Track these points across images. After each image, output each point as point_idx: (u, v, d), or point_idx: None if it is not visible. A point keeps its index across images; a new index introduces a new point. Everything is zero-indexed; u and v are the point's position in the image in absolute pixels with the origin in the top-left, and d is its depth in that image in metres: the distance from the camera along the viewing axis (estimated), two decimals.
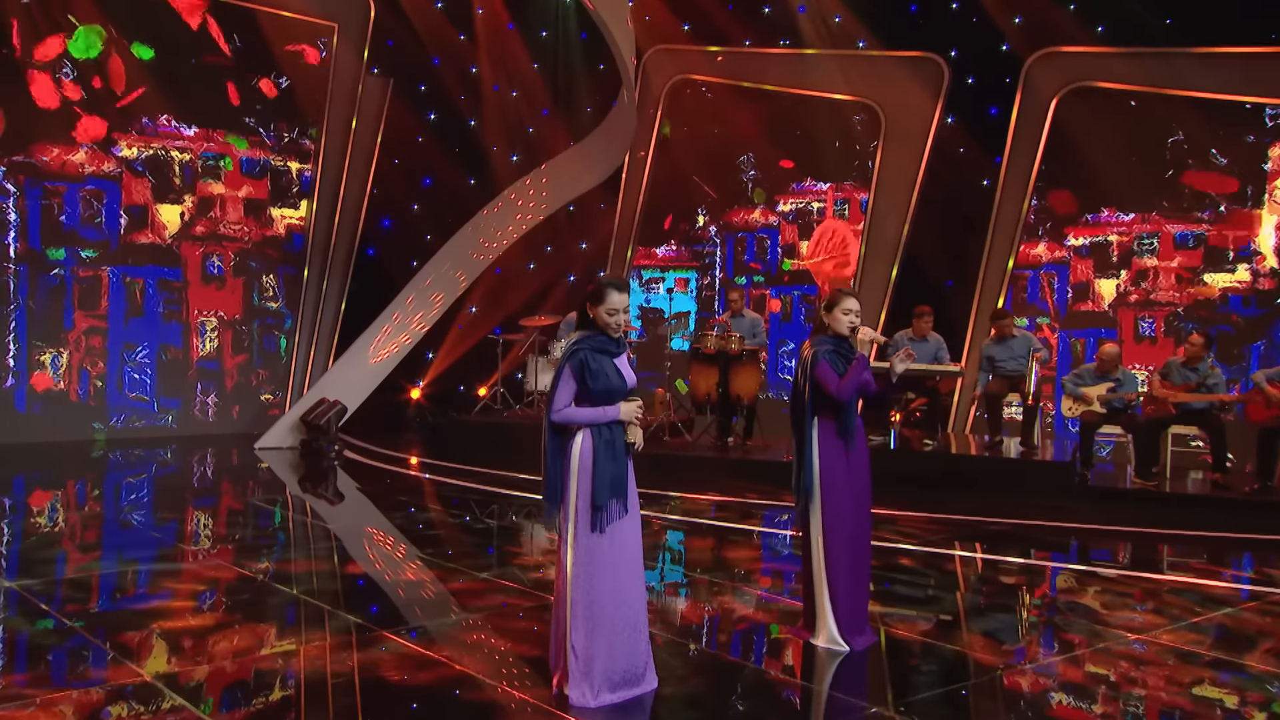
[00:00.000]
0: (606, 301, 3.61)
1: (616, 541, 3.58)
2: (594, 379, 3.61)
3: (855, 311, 4.25)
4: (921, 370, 9.04)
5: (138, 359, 12.25)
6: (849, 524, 4.18)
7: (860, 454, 4.25)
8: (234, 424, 12.79)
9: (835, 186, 12.70)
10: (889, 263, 12.00)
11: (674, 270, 13.63)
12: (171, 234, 12.41)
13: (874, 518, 7.37)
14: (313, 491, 9.38)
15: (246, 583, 5.56)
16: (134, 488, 9.37)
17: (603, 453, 3.59)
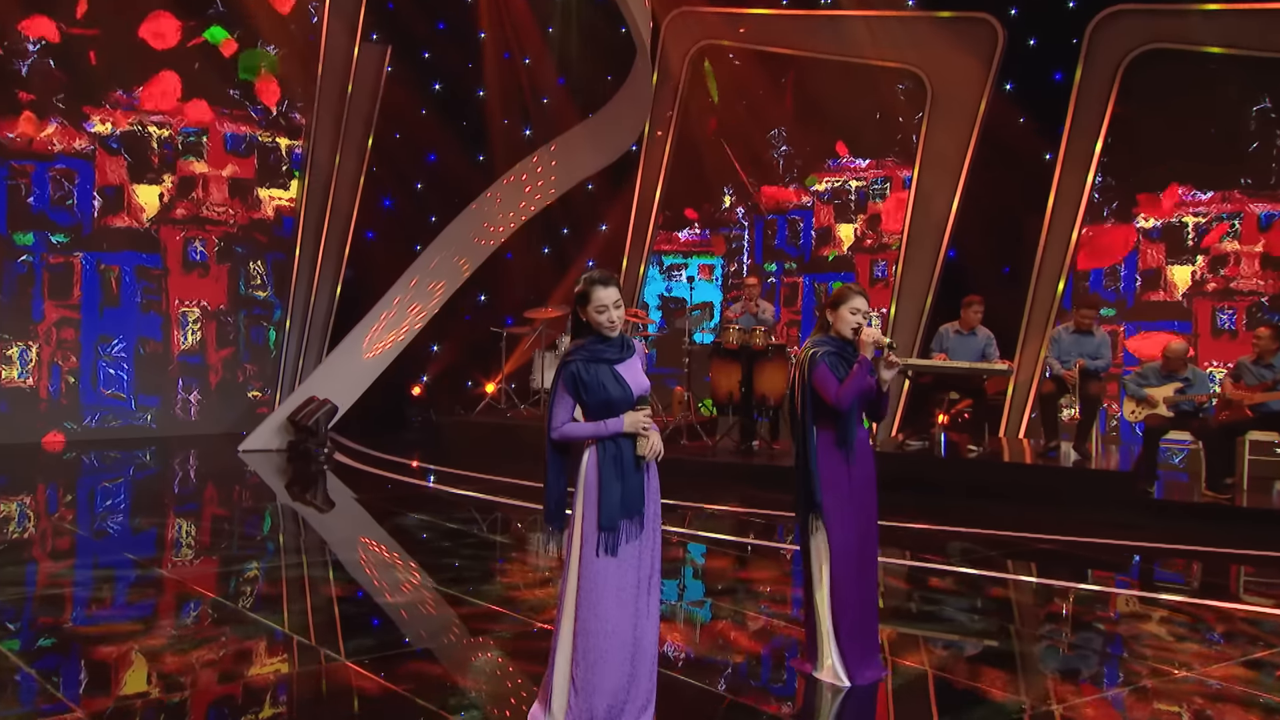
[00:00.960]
0: (593, 299, 3.60)
1: (625, 564, 3.59)
2: (588, 392, 3.61)
3: (863, 311, 4.23)
4: (966, 369, 8.87)
5: (113, 353, 12.31)
6: (853, 544, 4.15)
7: (864, 466, 4.20)
8: (219, 423, 12.84)
9: (875, 163, 12.57)
10: (934, 248, 11.81)
11: (697, 256, 13.60)
12: (150, 217, 12.45)
13: (905, 534, 7.37)
14: (299, 499, 9.41)
15: (214, 606, 5.58)
16: (108, 494, 9.43)
17: (608, 470, 3.58)
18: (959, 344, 9.15)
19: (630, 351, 3.70)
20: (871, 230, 12.60)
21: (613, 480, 3.58)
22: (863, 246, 12.70)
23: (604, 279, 3.63)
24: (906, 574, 6.54)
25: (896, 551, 6.99)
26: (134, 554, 6.74)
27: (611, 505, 3.57)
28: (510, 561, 6.78)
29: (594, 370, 3.62)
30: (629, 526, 3.61)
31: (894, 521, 7.72)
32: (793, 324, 12.83)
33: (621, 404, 3.62)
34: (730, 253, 13.45)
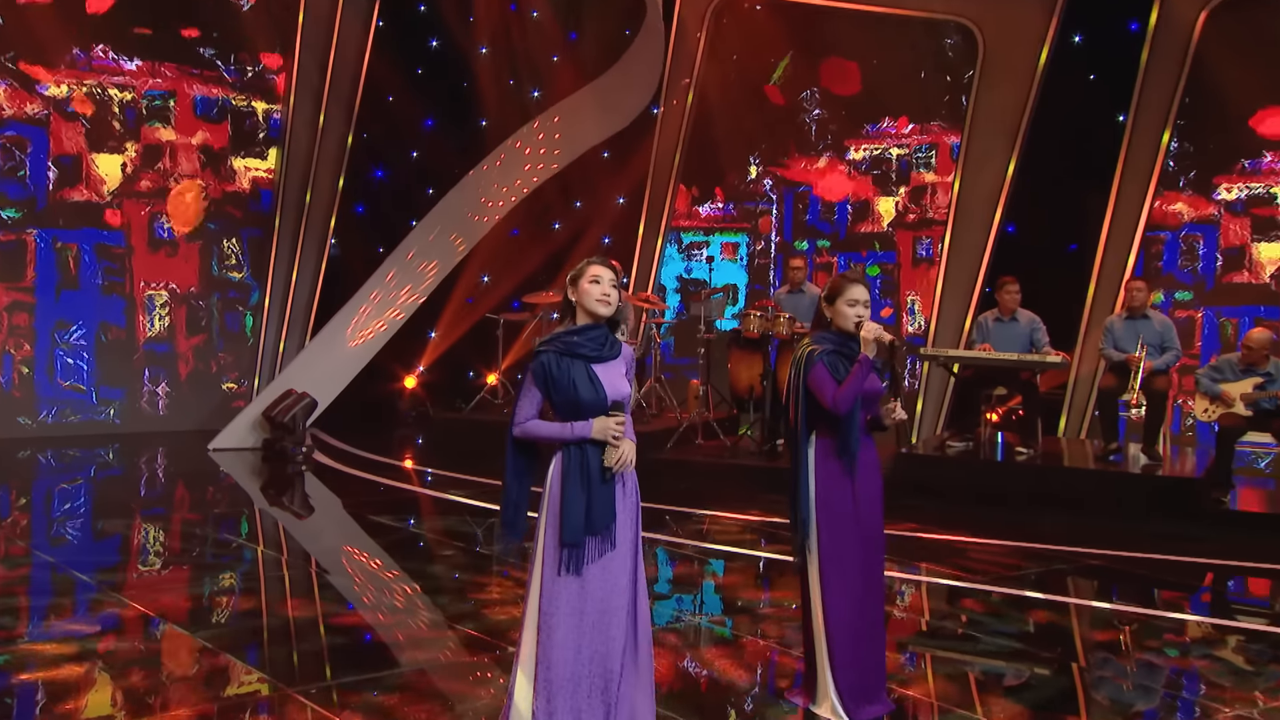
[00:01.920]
0: (587, 272, 3.66)
1: (591, 587, 3.60)
2: (555, 390, 3.63)
3: (863, 303, 4.20)
4: (1011, 361, 8.74)
5: (72, 340, 12.27)
6: (853, 568, 4.13)
7: (868, 479, 4.18)
8: (190, 419, 12.81)
9: (920, 128, 12.42)
10: (985, 223, 11.59)
11: (720, 233, 13.50)
12: (111, 189, 12.41)
13: (941, 547, 7.33)
14: (274, 504, 9.44)
15: (170, 631, 5.56)
16: (65, 497, 9.44)
17: (571, 479, 3.61)
18: (999, 332, 9.04)
19: (615, 352, 3.70)
20: (915, 204, 12.41)
21: (576, 491, 3.60)
22: (905, 222, 12.51)
23: (600, 259, 3.72)
24: (939, 593, 6.53)
25: (928, 567, 7.01)
26: (84, 570, 6.76)
27: (574, 519, 3.58)
28: (508, 578, 6.78)
29: (566, 366, 3.63)
30: (596, 544, 3.60)
31: (927, 533, 7.77)
32: None
33: (591, 408, 3.62)
34: (756, 230, 13.35)
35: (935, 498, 8.58)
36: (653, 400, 11.09)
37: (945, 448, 9.27)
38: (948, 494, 8.64)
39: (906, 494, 8.59)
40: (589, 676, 3.60)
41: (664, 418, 10.85)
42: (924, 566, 7.02)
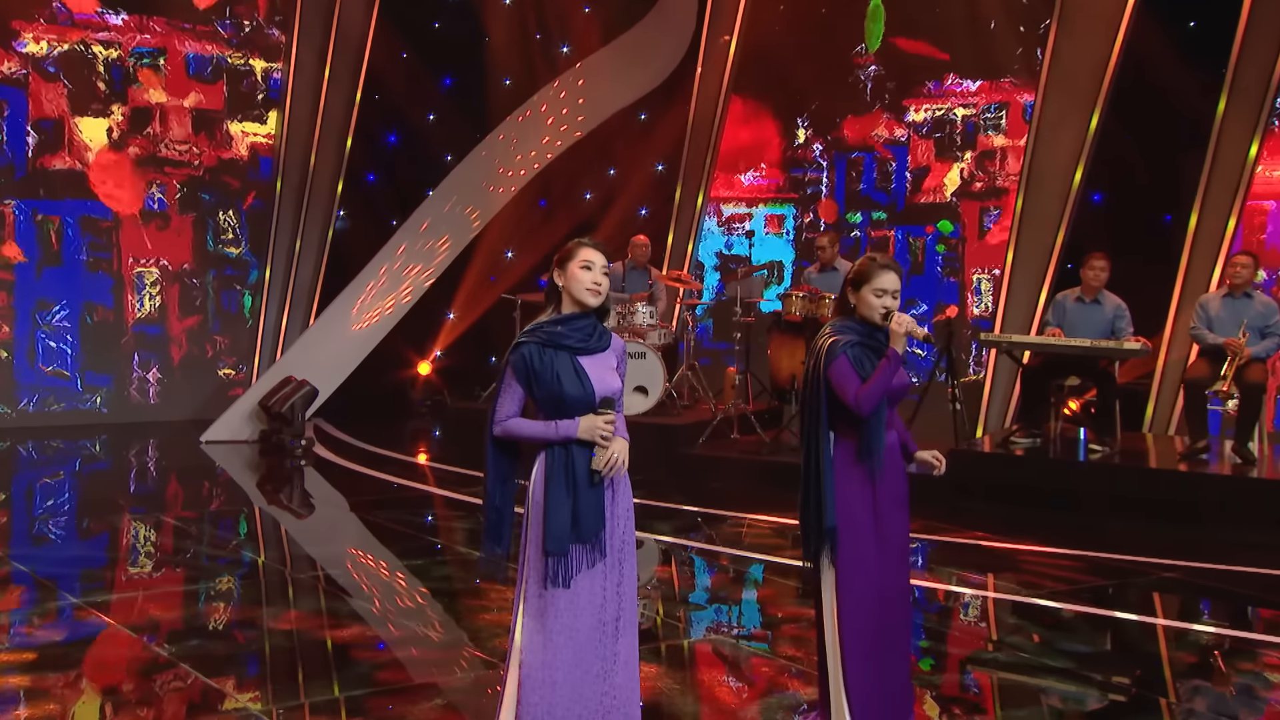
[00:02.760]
0: (577, 255, 3.70)
1: (580, 601, 3.65)
2: (538, 384, 3.66)
3: (892, 292, 4.15)
4: (1078, 348, 8.59)
5: (54, 322, 12.33)
6: (874, 585, 4.13)
7: (893, 485, 4.17)
8: (183, 408, 12.88)
9: (990, 84, 12.26)
10: (1062, 192, 11.33)
11: (764, 205, 13.44)
12: (97, 156, 12.40)
13: (1005, 556, 7.32)
14: (273, 502, 9.52)
15: (154, 656, 5.57)
16: (47, 493, 9.50)
17: (555, 482, 3.65)
18: (1079, 315, 8.88)
19: (604, 343, 3.75)
20: (982, 170, 12.25)
21: (561, 496, 3.64)
22: (970, 191, 12.31)
23: (594, 242, 3.76)
24: (1002, 608, 6.49)
25: (990, 579, 6.98)
26: (62, 575, 6.80)
27: (559, 526, 3.62)
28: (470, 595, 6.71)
29: (550, 358, 3.66)
30: (583, 553, 3.65)
31: (989, 540, 7.73)
32: None
33: (578, 404, 3.65)
34: (805, 200, 13.28)
35: (998, 501, 8.52)
36: (684, 390, 11.05)
37: (1010, 444, 9.12)
38: (1012, 496, 8.54)
39: (966, 497, 8.52)
40: (579, 701, 3.65)
41: (697, 409, 10.79)
42: (986, 578, 6.97)
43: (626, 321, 10.39)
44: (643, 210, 13.99)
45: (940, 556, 7.51)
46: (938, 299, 12.28)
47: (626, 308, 10.46)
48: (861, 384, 4.06)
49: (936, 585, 6.80)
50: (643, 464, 9.69)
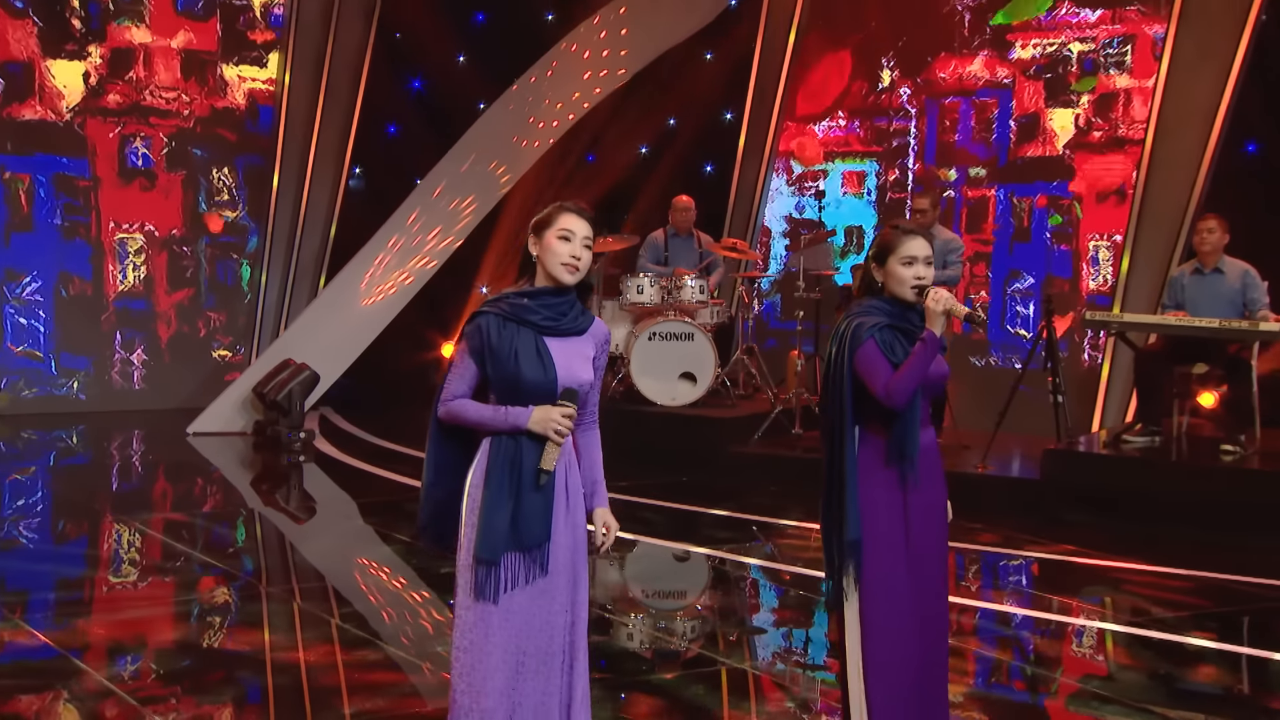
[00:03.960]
0: (556, 222, 3.73)
1: (514, 622, 3.68)
2: (494, 361, 3.71)
3: (923, 260, 4.18)
4: (1202, 329, 8.47)
5: (24, 295, 12.37)
6: (905, 609, 4.15)
7: (929, 491, 4.19)
8: (172, 394, 12.88)
9: (1112, 14, 11.96)
10: (1199, 143, 11.05)
11: (841, 160, 13.24)
12: (71, 106, 12.46)
13: (1109, 577, 7.34)
14: (269, 504, 9.60)
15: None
16: (16, 492, 9.52)
17: (496, 478, 3.69)
18: (1199, 290, 8.81)
19: (581, 326, 3.79)
20: (1102, 117, 12.00)
21: (501, 494, 3.67)
22: (1087, 142, 12.11)
23: (576, 207, 3.79)
24: (1105, 639, 6.43)
25: (1091, 605, 6.92)
26: (39, 588, 6.89)
27: (494, 530, 3.66)
28: None
29: (510, 334, 3.69)
30: (519, 564, 3.68)
31: (1089, 558, 7.64)
32: (979, 258, 12.45)
33: (535, 391, 3.69)
34: (889, 154, 13.09)
35: (1104, 511, 8.45)
36: (740, 377, 10.98)
37: (1123, 443, 8.98)
38: (1122, 506, 8.44)
39: (1066, 505, 8.46)
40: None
41: (755, 400, 10.76)
42: (1087, 605, 6.91)
43: (672, 297, 10.35)
44: (708, 167, 13.88)
45: (1032, 576, 7.45)
46: (1047, 271, 11.99)
47: (672, 282, 10.40)
48: (893, 372, 4.07)
49: (1027, 611, 6.72)
50: (689, 463, 9.78)
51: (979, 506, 8.31)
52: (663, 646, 6.17)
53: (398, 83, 13.78)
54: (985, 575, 7.62)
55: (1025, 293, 12.15)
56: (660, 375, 10.25)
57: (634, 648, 6.18)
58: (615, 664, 5.77)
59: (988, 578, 7.61)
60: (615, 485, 9.02)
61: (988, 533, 8.11)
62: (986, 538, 7.97)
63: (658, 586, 7.41)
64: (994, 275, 12.37)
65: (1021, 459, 9.51)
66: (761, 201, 13.48)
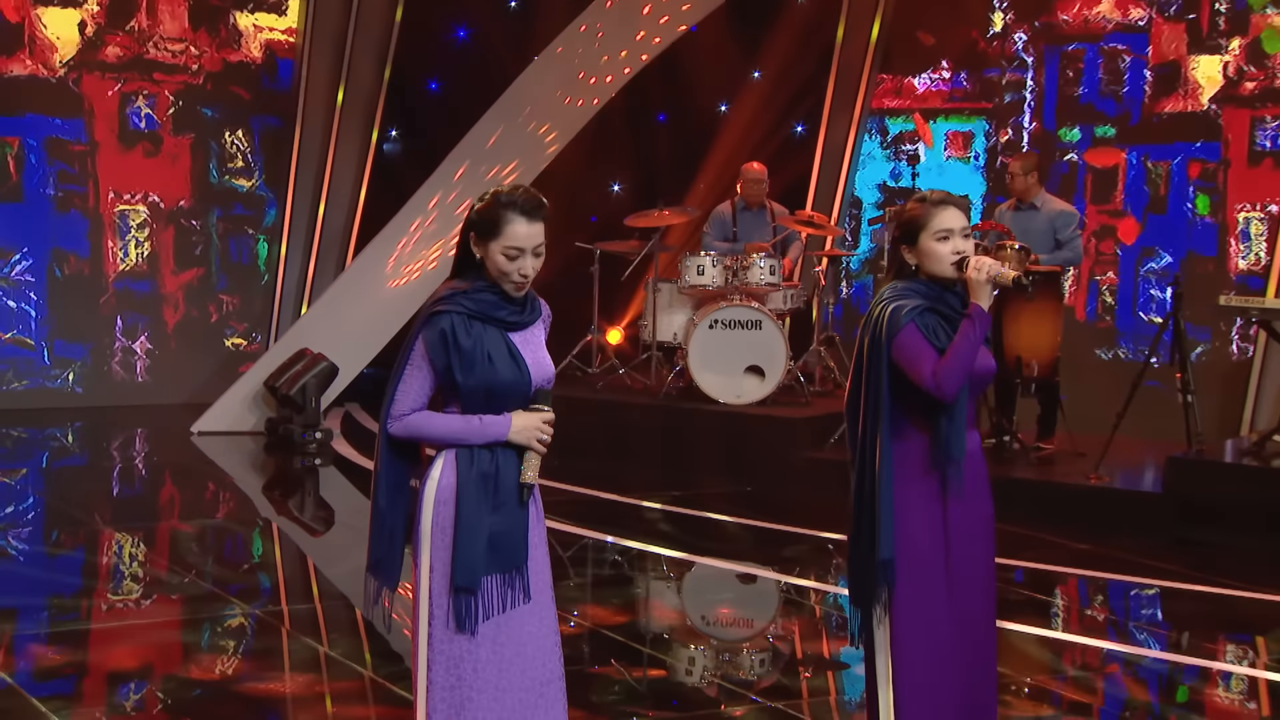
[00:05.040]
0: (504, 233, 3.75)
1: (506, 652, 3.76)
2: (464, 367, 3.74)
3: (960, 231, 4.20)
4: None
5: (13, 275, 12.49)
6: (945, 637, 4.18)
7: (974, 503, 4.23)
8: (179, 388, 12.95)
9: None
10: None
11: (945, 119, 13.13)
12: (65, 60, 12.55)
13: (1242, 612, 7.24)
14: (281, 513, 9.69)
15: None
16: (5, 497, 9.61)
17: (473, 496, 3.75)
18: None
19: (534, 315, 3.88)
20: (1255, 64, 11.83)
21: (478, 513, 3.73)
22: (1237, 95, 11.90)
23: (528, 205, 3.78)
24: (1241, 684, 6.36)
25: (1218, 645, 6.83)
26: (29, 606, 6.96)
27: (472, 554, 3.72)
28: None
29: (479, 333, 3.75)
30: (502, 589, 3.76)
31: (1214, 586, 7.52)
32: (1106, 233, 12.31)
33: (512, 395, 3.76)
34: (1001, 111, 12.92)
35: (1239, 530, 8.36)
36: (817, 372, 10.93)
37: (1266, 450, 8.79)
38: (1261, 524, 8.30)
39: (1196, 523, 8.41)
40: None
41: (834, 398, 10.65)
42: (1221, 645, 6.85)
43: (739, 279, 10.21)
44: (798, 127, 13.77)
45: (1155, 608, 7.39)
46: (1187, 248, 11.74)
47: (737, 261, 10.27)
48: (939, 357, 4.09)
49: (1149, 653, 6.58)
50: (754, 471, 9.67)
51: (1088, 524, 8.23)
52: (729, 681, 6.13)
53: (439, 32, 13.74)
54: (1089, 605, 7.52)
55: (1161, 273, 11.96)
56: (723, 369, 10.15)
57: (695, 682, 6.18)
58: (668, 697, 5.82)
59: (1094, 609, 7.50)
60: (668, 495, 9.14)
61: (1096, 555, 8.01)
62: (1094, 561, 7.86)
63: (720, 613, 7.39)
64: (1124, 254, 12.25)
65: (1142, 468, 9.40)
66: (851, 167, 13.38)
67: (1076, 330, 11.55)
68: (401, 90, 13.44)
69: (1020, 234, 9.65)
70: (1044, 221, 9.76)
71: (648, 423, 10.64)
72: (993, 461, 9.26)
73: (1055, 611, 7.38)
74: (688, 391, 10.39)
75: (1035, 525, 8.60)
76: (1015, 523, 8.62)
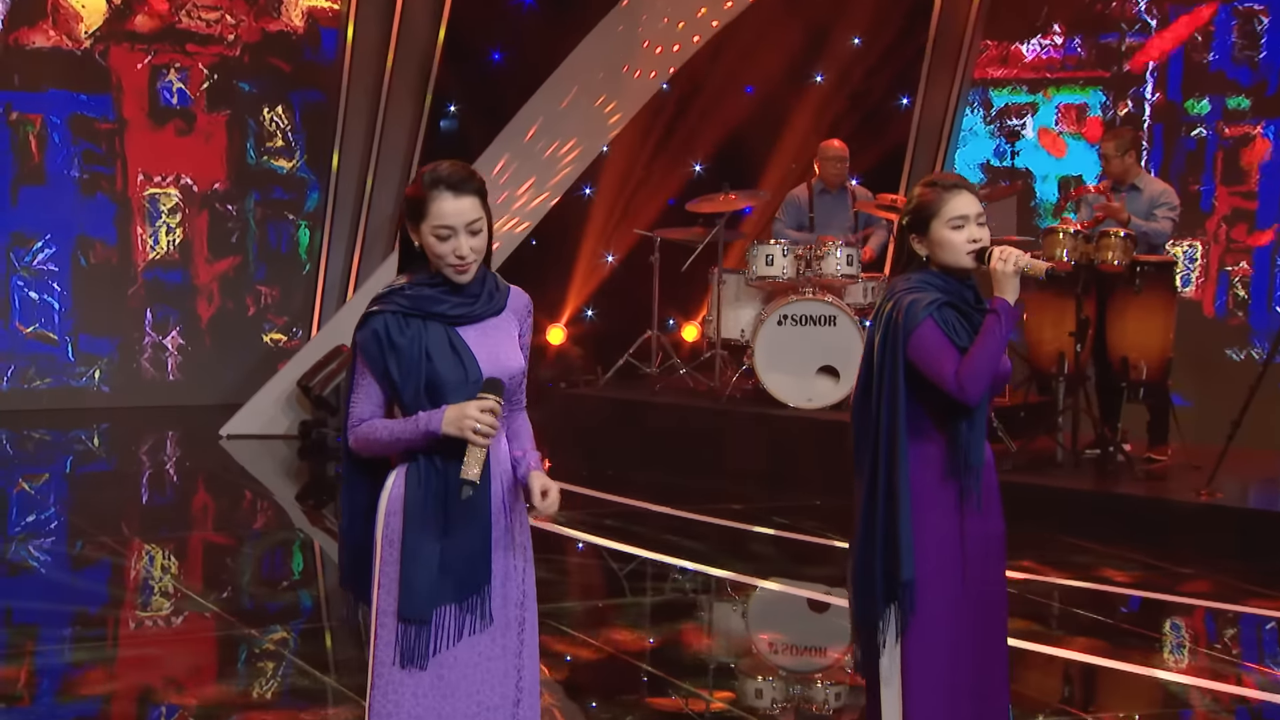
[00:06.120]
0: (430, 213, 3.75)
1: (448, 673, 3.77)
2: (401, 367, 3.77)
3: (974, 218, 4.20)
4: None
5: (35, 264, 12.59)
6: (966, 659, 4.22)
7: (990, 518, 4.25)
8: (214, 387, 13.02)
9: None
10: None
11: (1056, 90, 12.99)
12: (91, 30, 12.64)
13: None
14: (315, 523, 9.74)
15: None
16: (23, 507, 9.70)
17: (418, 513, 3.76)
18: None
19: (494, 306, 3.85)
20: None
21: (425, 534, 3.74)
22: None
23: (454, 178, 3.78)
24: None
25: None
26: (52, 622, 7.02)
27: (421, 580, 3.73)
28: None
29: (415, 330, 3.77)
30: (454, 617, 3.75)
31: None
32: (1240, 216, 12.28)
33: (456, 394, 3.74)
34: (1119, 80, 12.72)
35: None
36: None
37: None
38: None
39: None
40: None
41: None
42: None
43: (812, 270, 10.09)
44: (903, 99, 13.69)
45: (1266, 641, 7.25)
46: None
47: (811, 250, 10.13)
48: (961, 357, 4.11)
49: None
50: (826, 482, 9.54)
51: (1195, 546, 8.15)
52: (803, 715, 6.15)
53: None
54: (1187, 636, 7.39)
55: None
56: (793, 369, 10.08)
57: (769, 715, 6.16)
58: None
59: (1192, 641, 7.36)
60: (728, 510, 9.03)
61: (1199, 580, 7.91)
62: (1197, 587, 7.77)
63: (790, 641, 7.35)
64: None
65: (1264, 483, 9.30)
66: (950, 145, 13.29)
67: (1203, 328, 11.40)
68: (461, 61, 13.37)
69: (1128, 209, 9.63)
70: (1145, 204, 9.66)
71: (708, 428, 10.59)
72: (1095, 475, 9.50)
73: (1171, 647, 7.27)
74: (754, 394, 10.32)
75: (1141, 547, 8.55)
76: (1117, 544, 8.72)
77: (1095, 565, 8.34)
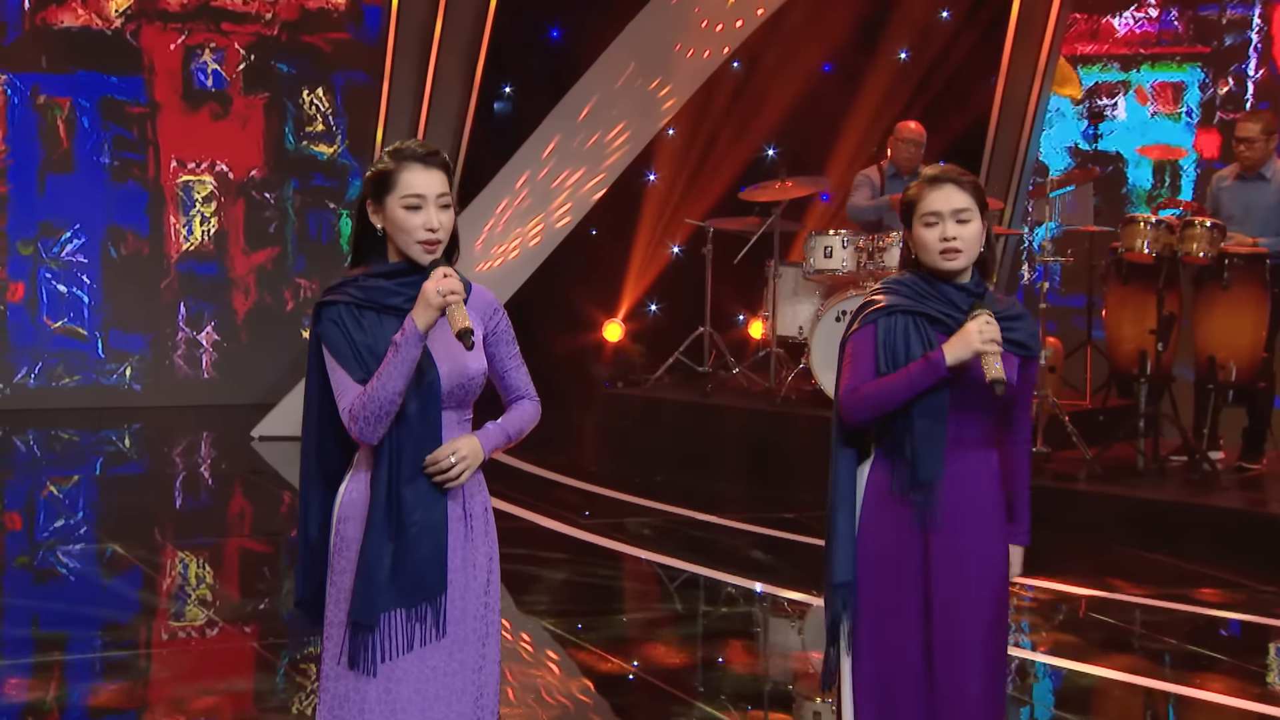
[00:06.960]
0: (398, 184, 3.82)
1: (398, 687, 3.81)
2: (358, 361, 3.79)
3: (950, 214, 4.20)
4: None
5: (64, 255, 12.70)
6: (911, 686, 4.24)
7: (966, 536, 4.23)
8: (250, 386, 13.09)
9: None
10: None
11: (1149, 66, 12.87)
12: (121, 9, 12.74)
13: None
14: None
15: None
16: (49, 512, 9.76)
17: (373, 518, 3.79)
18: None
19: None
20: None
21: (380, 537, 3.78)
22: None
23: (422, 151, 3.88)
24: None
25: None
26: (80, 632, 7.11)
27: (372, 584, 3.77)
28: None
29: (371, 324, 3.82)
30: (405, 626, 3.80)
31: None
32: None
33: (411, 392, 3.78)
34: (1219, 56, 12.61)
35: None
36: None
37: None
38: None
39: None
40: None
41: None
42: None
43: (874, 262, 9.98)
44: (990, 78, 13.46)
45: None
46: None
47: (873, 242, 10.05)
48: (871, 378, 4.17)
49: None
50: None
51: None
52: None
53: None
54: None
55: None
56: None
57: None
58: None
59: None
60: (779, 519, 9.01)
61: None
62: None
63: None
64: None
65: None
66: (1034, 127, 13.08)
67: None
68: (515, 39, 13.38)
69: (1242, 210, 9.52)
70: (1274, 196, 9.52)
71: (760, 432, 10.56)
72: (1181, 485, 9.40)
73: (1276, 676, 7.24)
74: (812, 395, 10.28)
75: (1228, 565, 8.53)
76: (1201, 561, 8.71)
77: (1179, 584, 8.32)
